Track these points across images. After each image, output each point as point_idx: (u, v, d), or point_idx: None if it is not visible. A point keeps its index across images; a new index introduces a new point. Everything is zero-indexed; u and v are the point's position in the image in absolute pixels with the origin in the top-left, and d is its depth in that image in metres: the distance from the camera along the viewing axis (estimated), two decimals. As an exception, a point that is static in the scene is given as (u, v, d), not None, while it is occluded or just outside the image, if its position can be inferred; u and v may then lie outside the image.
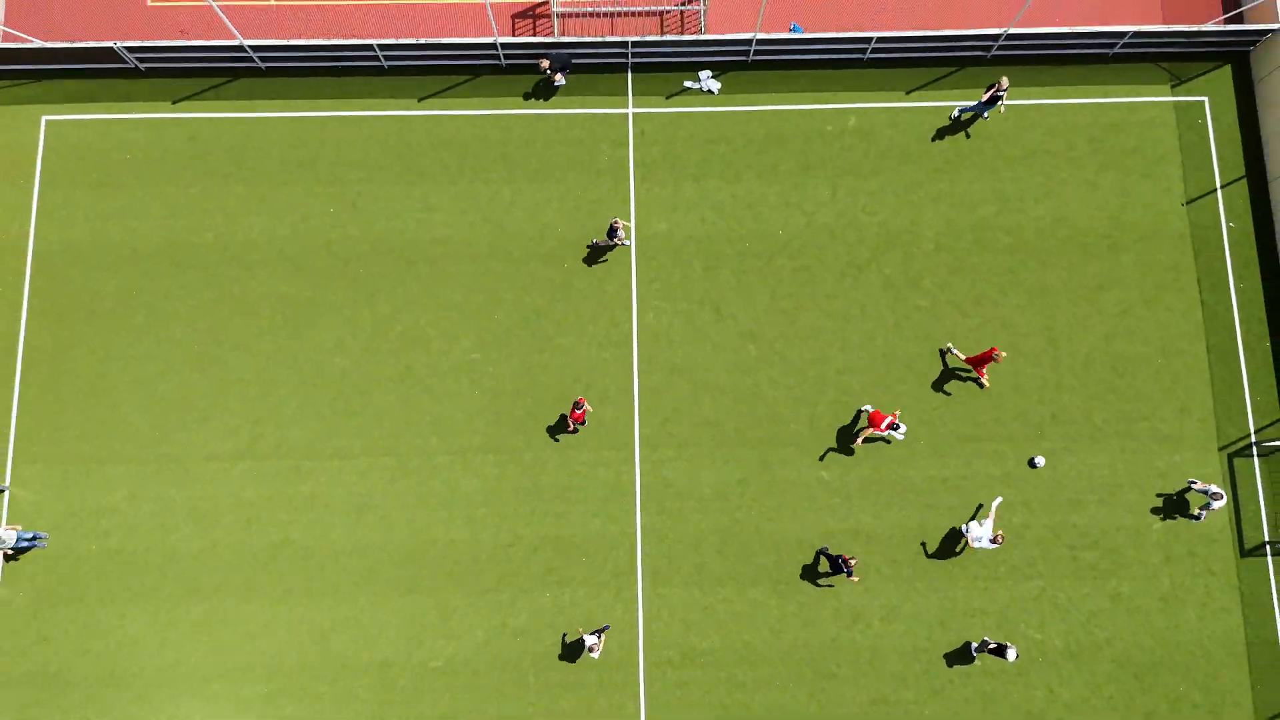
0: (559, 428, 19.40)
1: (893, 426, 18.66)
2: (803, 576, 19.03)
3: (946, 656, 18.78)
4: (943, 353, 19.66)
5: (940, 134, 20.72)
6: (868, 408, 19.28)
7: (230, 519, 19.09)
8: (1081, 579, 19.08)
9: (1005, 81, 19.47)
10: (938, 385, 19.74)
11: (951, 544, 19.17)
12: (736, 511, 19.24)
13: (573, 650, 18.71)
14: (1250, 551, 19.26)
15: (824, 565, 18.95)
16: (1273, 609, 19.07)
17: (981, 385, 19.44)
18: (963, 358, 19.30)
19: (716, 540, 19.09)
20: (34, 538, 18.54)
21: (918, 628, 18.90)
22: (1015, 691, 18.72)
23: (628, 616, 18.87)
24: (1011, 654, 17.49)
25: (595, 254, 20.12)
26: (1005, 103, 20.27)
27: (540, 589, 18.95)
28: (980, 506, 19.15)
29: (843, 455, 19.45)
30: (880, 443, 19.46)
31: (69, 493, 19.08)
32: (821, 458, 19.40)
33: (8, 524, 18.71)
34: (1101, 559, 19.17)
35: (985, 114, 20.48)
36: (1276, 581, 19.17)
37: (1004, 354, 18.83)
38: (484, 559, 19.05)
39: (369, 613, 18.79)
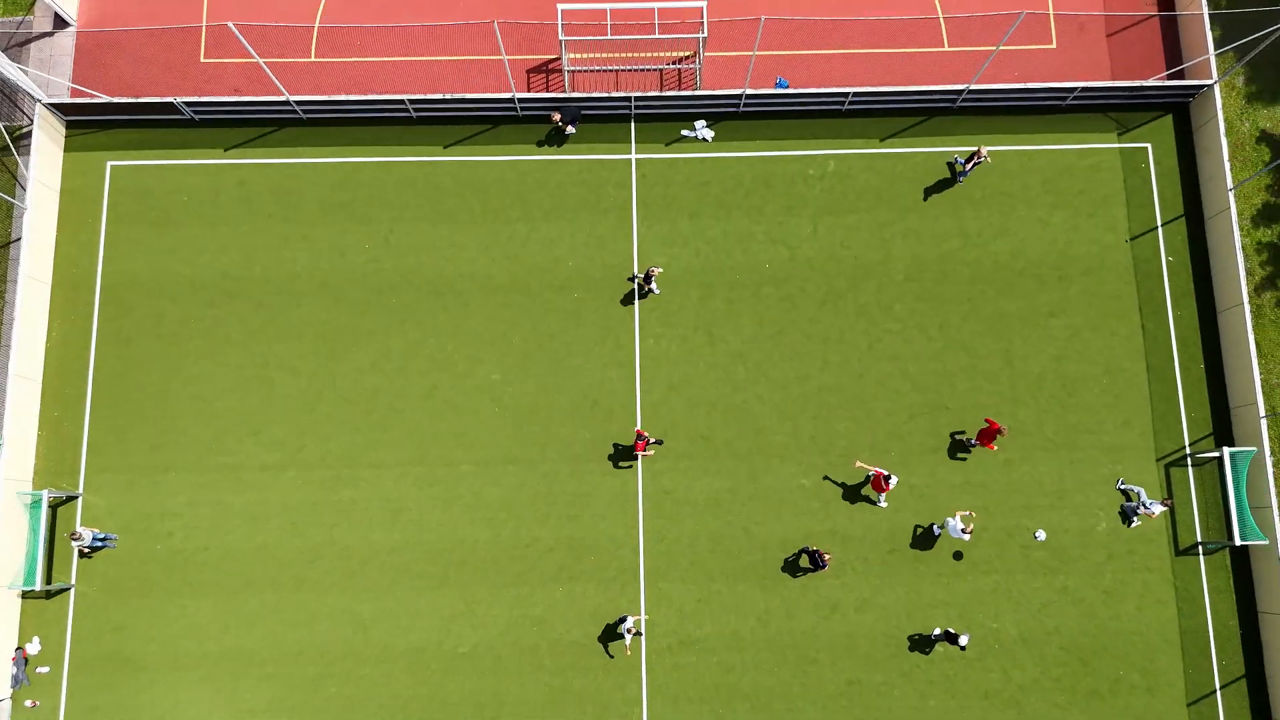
0: (623, 454, 21.66)
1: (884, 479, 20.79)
2: (785, 572, 21.47)
3: (913, 643, 21.22)
4: (956, 438, 21.77)
5: (910, 177, 23.16)
6: (870, 471, 21.28)
7: (279, 521, 21.56)
8: (1033, 574, 21.52)
9: (984, 151, 21.91)
10: (907, 403, 22.18)
11: (918, 543, 21.61)
12: (727, 516, 21.68)
13: (582, 638, 21.16)
14: (1184, 551, 21.71)
15: (804, 561, 21.37)
16: (1204, 602, 21.50)
17: (993, 449, 21.46)
18: (975, 444, 21.39)
19: (709, 541, 21.55)
20: (105, 538, 21.00)
21: (888, 617, 21.35)
22: (975, 674, 21.17)
23: (631, 608, 21.30)
24: (964, 639, 19.98)
25: (628, 291, 22.51)
26: (987, 158, 22.50)
27: (554, 584, 21.40)
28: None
29: (821, 465, 21.90)
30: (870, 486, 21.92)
31: (136, 498, 21.55)
32: (803, 467, 21.85)
33: (83, 525, 21.17)
34: (1051, 557, 21.61)
35: (962, 179, 22.77)
36: (1207, 577, 21.61)
37: (1006, 427, 20.93)
38: (504, 557, 21.51)
39: (403, 604, 21.25)
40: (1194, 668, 21.27)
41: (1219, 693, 21.19)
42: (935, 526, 20.94)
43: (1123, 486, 21.44)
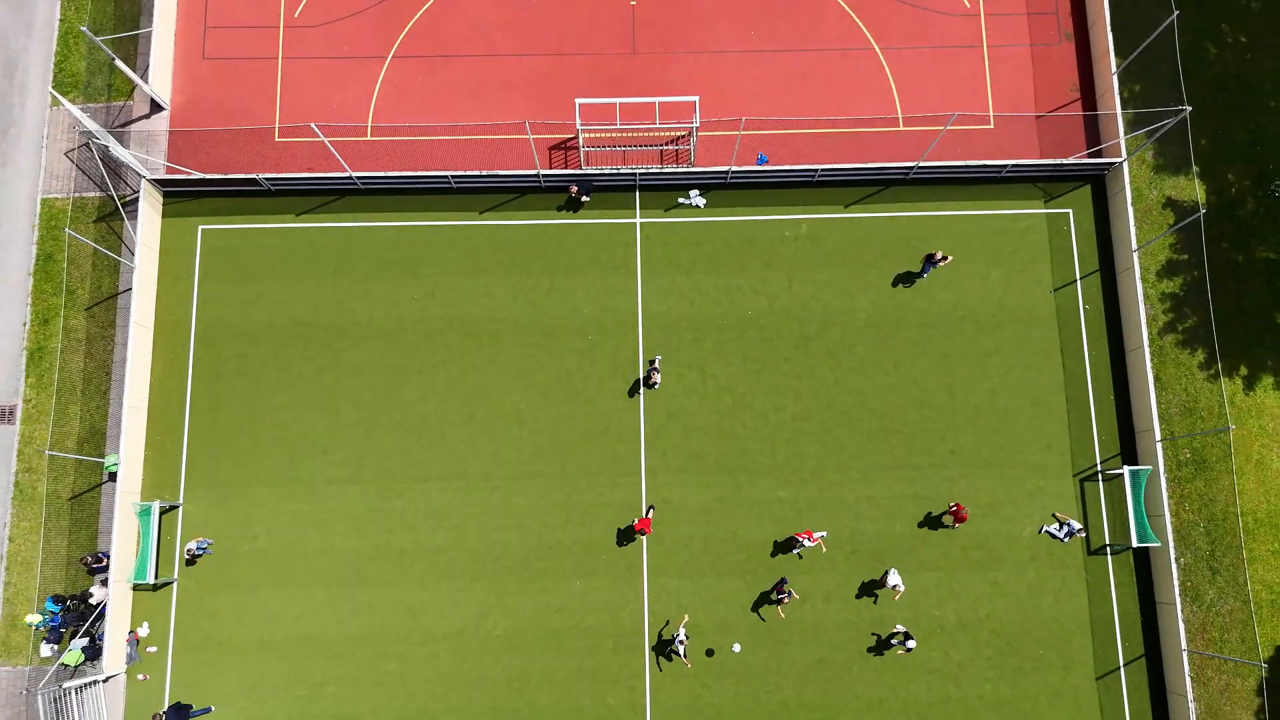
0: (630, 471, 26.06)
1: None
2: (764, 570, 25.86)
3: (872, 627, 25.59)
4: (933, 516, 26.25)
5: (871, 239, 27.61)
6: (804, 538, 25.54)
7: (344, 527, 25.98)
8: (970, 571, 25.92)
9: (940, 254, 26.27)
10: (866, 428, 26.60)
11: (874, 545, 26.00)
12: (716, 521, 26.09)
13: (595, 624, 25.54)
14: (1095, 551, 26.11)
15: (774, 595, 25.54)
16: (1110, 594, 25.89)
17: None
18: (955, 526, 25.85)
19: (701, 543, 25.96)
20: (203, 547, 25.41)
21: (850, 606, 25.74)
22: (920, 653, 25.54)
23: (636, 599, 25.68)
24: (911, 643, 24.38)
25: (634, 334, 26.98)
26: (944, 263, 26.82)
27: (572, 578, 25.81)
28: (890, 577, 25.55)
29: (795, 480, 26.30)
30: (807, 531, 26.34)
31: (226, 507, 25.98)
32: (779, 481, 26.25)
33: (186, 536, 25.58)
34: (985, 556, 26.00)
35: (924, 276, 27.05)
36: (1114, 574, 26.00)
37: (967, 512, 25.55)
38: (530, 556, 25.91)
39: (447, 596, 25.66)
40: (1102, 648, 25.66)
41: (1122, 669, 25.58)
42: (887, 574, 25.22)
43: (1049, 530, 25.76)
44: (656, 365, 26.03)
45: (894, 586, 24.90)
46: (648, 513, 25.69)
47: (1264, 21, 29.86)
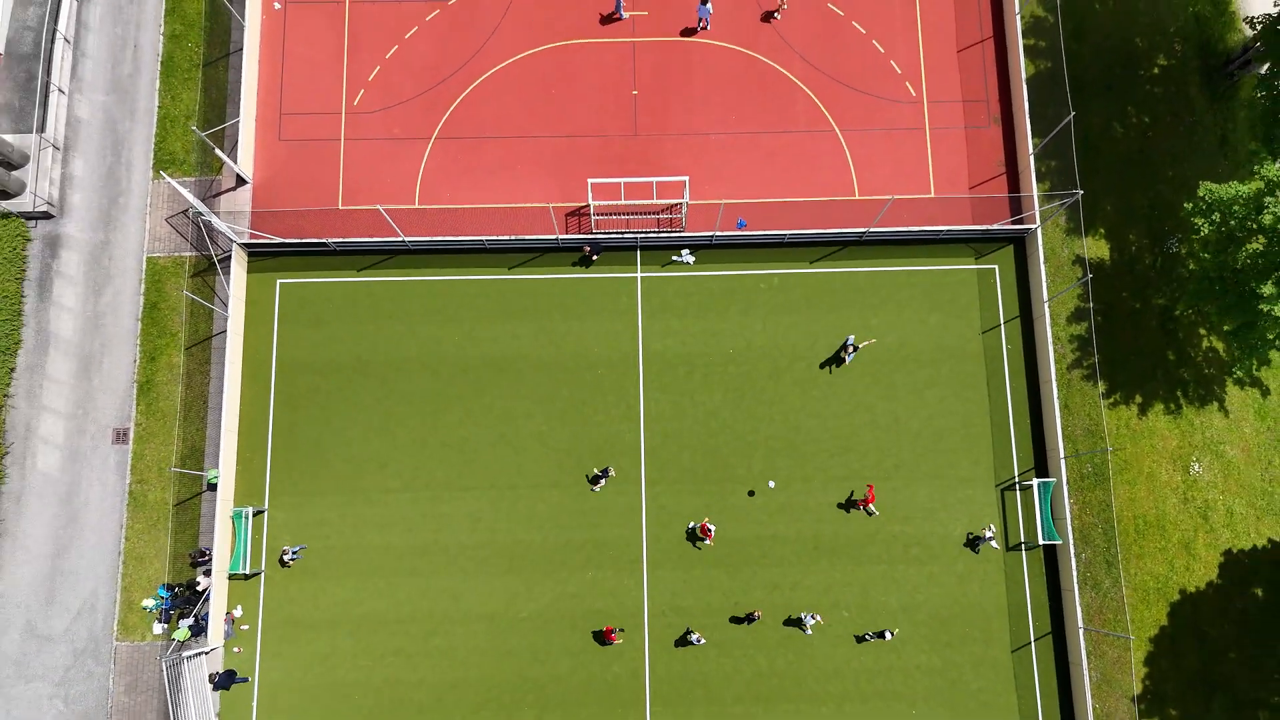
0: (631, 482, 31.87)
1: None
2: (742, 562, 31.66)
3: (830, 613, 31.38)
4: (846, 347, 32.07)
5: (832, 290, 33.42)
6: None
7: (399, 527, 31.81)
8: (910, 564, 31.71)
9: (851, 338, 32.01)
10: (827, 447, 32.39)
11: (832, 543, 31.75)
12: (707, 516, 31.88)
13: (604, 608, 31.32)
14: (1011, 548, 31.92)
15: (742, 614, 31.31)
16: (1024, 582, 31.68)
17: (871, 513, 31.70)
18: (867, 502, 31.60)
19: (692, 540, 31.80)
20: (297, 551, 31.21)
21: (812, 594, 31.52)
22: (859, 626, 31.30)
23: (637, 588, 31.45)
24: (889, 635, 30.21)
25: (635, 369, 32.82)
26: (854, 350, 32.54)
27: (584, 570, 31.60)
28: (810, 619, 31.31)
29: (766, 489, 32.08)
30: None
31: (302, 511, 31.82)
32: (752, 491, 32.04)
33: (271, 535, 31.42)
34: (923, 553, 31.79)
35: (848, 359, 32.74)
36: (1027, 567, 31.80)
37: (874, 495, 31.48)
38: (549, 551, 31.72)
39: (482, 584, 31.47)
40: (1016, 627, 31.46)
41: (1033, 644, 31.38)
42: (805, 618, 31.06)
43: (981, 536, 31.60)
44: (610, 472, 31.73)
45: (812, 622, 30.72)
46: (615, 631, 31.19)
47: (1162, 104, 35.74)
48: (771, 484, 31.57)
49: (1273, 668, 32.19)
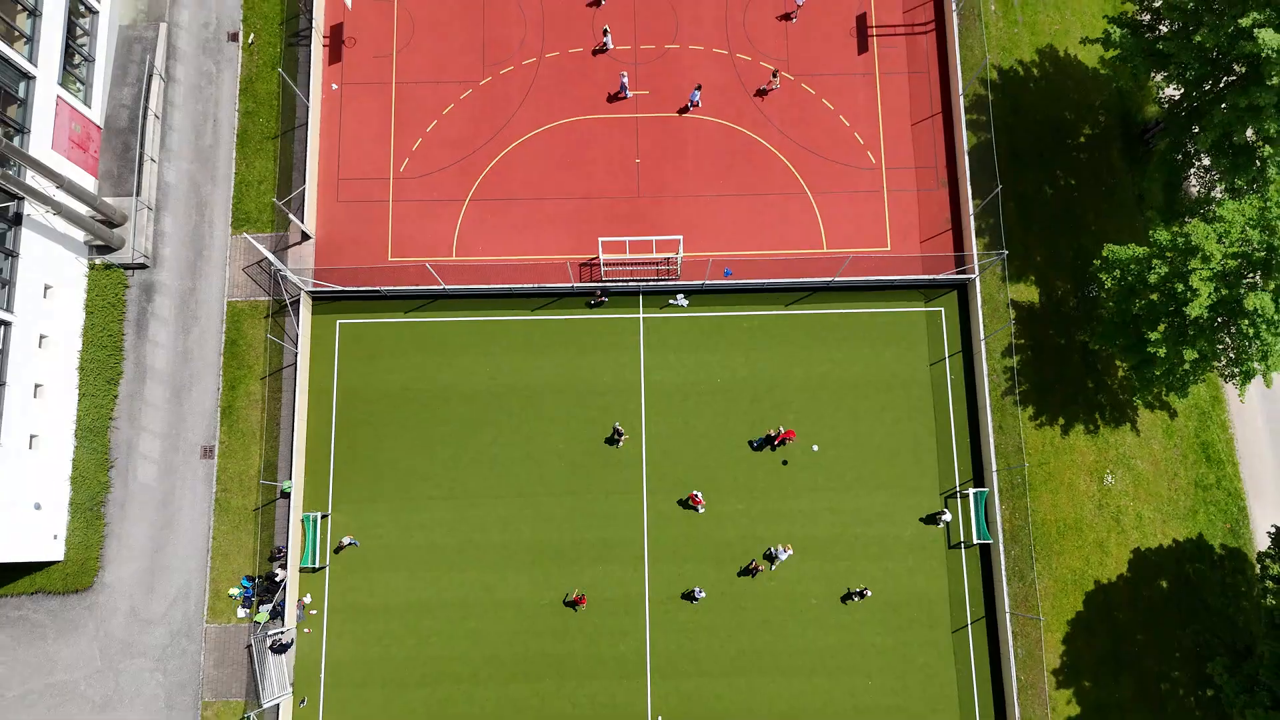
0: (633, 491, 38.17)
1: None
2: (729, 558, 37.86)
3: (800, 601, 37.58)
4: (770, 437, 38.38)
5: (803, 329, 39.62)
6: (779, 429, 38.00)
7: (440, 529, 38.06)
8: (868, 560, 37.91)
9: (786, 428, 38.26)
10: (798, 461, 38.61)
11: (804, 542, 37.95)
12: (696, 523, 38.11)
13: (612, 595, 37.53)
14: (953, 546, 38.14)
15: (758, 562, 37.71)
16: (962, 575, 37.90)
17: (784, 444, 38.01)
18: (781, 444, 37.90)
19: (685, 541, 37.99)
20: (352, 541, 37.49)
21: (786, 584, 37.73)
22: (831, 615, 37.54)
23: (639, 580, 37.64)
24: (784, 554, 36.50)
25: (637, 399, 39.09)
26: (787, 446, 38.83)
27: (595, 564, 37.82)
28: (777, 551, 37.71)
29: (749, 497, 38.29)
30: (776, 449, 38.39)
31: (360, 516, 38.06)
32: (738, 497, 38.28)
33: (335, 535, 37.68)
34: (879, 550, 37.99)
35: (776, 449, 38.91)
36: (965, 561, 38.01)
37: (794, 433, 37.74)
38: (566, 548, 37.94)
39: (510, 576, 37.70)
40: (956, 612, 37.68)
41: (969, 626, 37.60)
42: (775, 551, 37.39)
43: (940, 515, 37.87)
44: (618, 428, 38.11)
45: (780, 557, 36.91)
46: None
47: (1087, 168, 41.99)
48: (701, 593, 37.64)
49: (1173, 648, 38.38)
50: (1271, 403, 41.46)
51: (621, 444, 38.34)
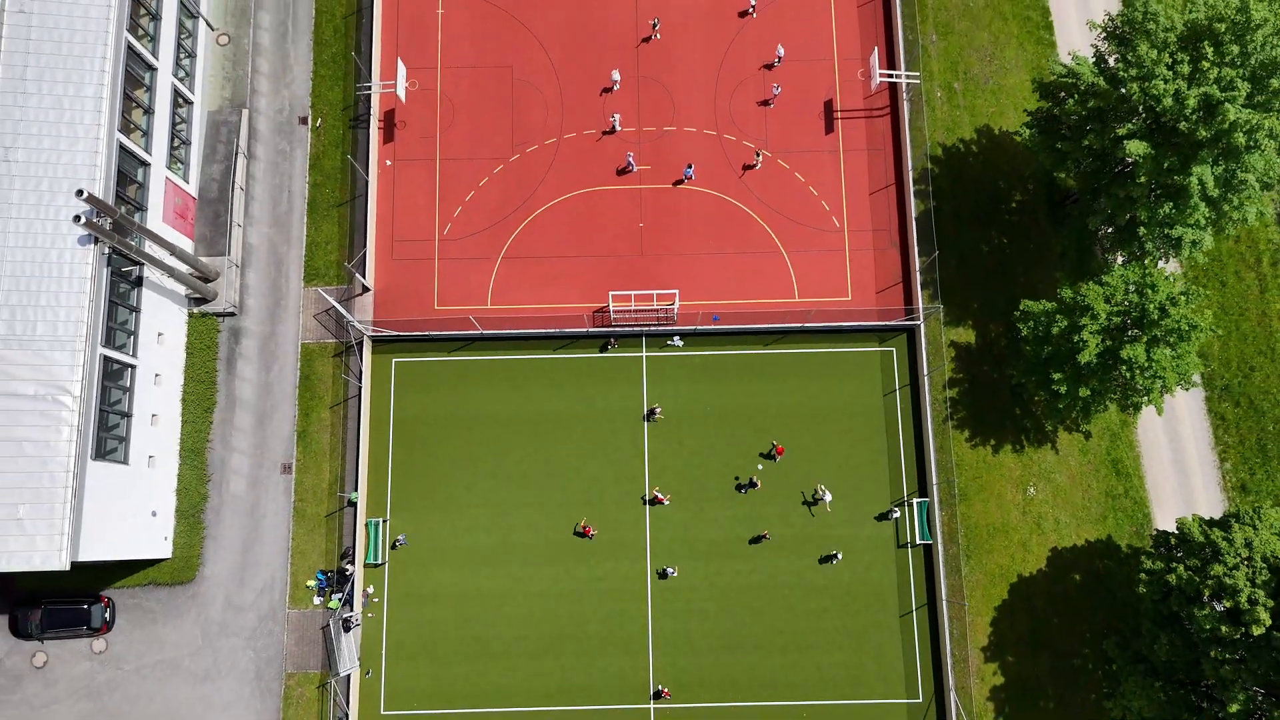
0: (636, 502, 46.38)
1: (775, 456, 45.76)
2: (719, 556, 46.06)
3: (776, 590, 45.75)
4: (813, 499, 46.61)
5: (780, 365, 47.81)
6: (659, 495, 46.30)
7: (479, 531, 46.25)
8: (843, 559, 46.08)
9: (756, 474, 46.49)
10: (774, 474, 46.78)
11: (780, 541, 46.12)
12: (691, 525, 46.28)
13: (620, 585, 45.70)
14: (900, 546, 46.36)
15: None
16: (909, 569, 46.09)
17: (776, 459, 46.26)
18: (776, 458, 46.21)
19: (681, 541, 46.17)
20: (404, 540, 45.73)
21: (763, 577, 45.88)
22: (798, 599, 45.72)
23: (642, 574, 45.80)
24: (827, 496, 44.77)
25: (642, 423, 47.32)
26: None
27: (605, 560, 46.01)
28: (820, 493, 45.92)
29: (734, 503, 46.48)
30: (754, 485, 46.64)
31: (414, 522, 46.26)
32: (726, 504, 46.48)
33: (393, 536, 45.94)
34: (843, 547, 46.18)
35: (754, 484, 47.13)
36: (911, 558, 46.20)
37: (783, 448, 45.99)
38: (582, 547, 46.10)
39: (537, 570, 45.85)
40: (903, 599, 45.87)
41: (914, 612, 45.79)
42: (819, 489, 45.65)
43: (890, 513, 46.12)
44: (658, 411, 46.42)
45: (826, 500, 45.17)
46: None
47: (1018, 228, 50.18)
48: (756, 484, 46.20)
49: (1084, 630, 46.49)
50: (1172, 425, 49.60)
51: (655, 419, 46.89)
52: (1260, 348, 50.12)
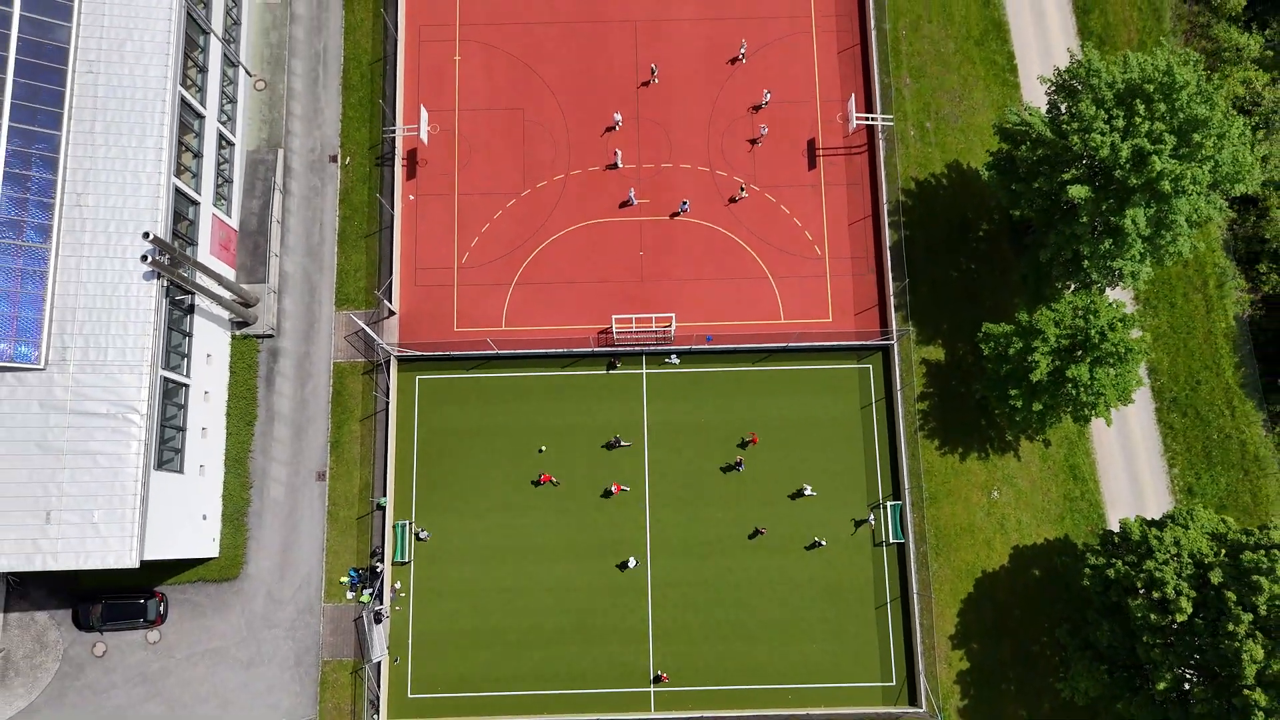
0: (638, 502, 51.36)
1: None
2: (713, 552, 50.99)
3: (765, 590, 50.70)
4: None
5: (768, 381, 52.75)
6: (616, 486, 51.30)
7: (496, 532, 51.16)
8: (814, 554, 51.05)
9: (740, 454, 51.59)
10: (760, 478, 51.76)
11: (764, 541, 51.08)
12: (687, 526, 51.24)
13: (619, 583, 50.69)
14: (876, 544, 51.34)
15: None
16: (884, 565, 51.04)
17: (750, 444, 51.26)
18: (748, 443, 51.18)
19: (677, 539, 51.15)
20: (427, 534, 50.72)
21: (750, 573, 50.84)
22: (784, 593, 50.68)
23: (643, 569, 50.76)
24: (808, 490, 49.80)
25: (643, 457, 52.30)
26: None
27: (612, 556, 50.95)
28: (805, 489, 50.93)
29: (725, 505, 51.42)
30: (736, 470, 51.63)
31: (438, 523, 51.18)
32: (718, 508, 51.43)
33: (418, 530, 50.94)
34: (829, 548, 51.12)
35: (740, 465, 52.18)
36: (886, 555, 51.16)
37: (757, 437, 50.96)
38: (589, 546, 51.04)
39: (549, 567, 50.80)
40: (879, 593, 50.83)
41: (889, 603, 50.76)
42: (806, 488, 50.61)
43: (867, 520, 51.09)
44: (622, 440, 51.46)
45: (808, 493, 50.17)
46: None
47: (984, 256, 55.11)
48: (741, 465, 51.25)
49: (1042, 620, 51.42)
50: (1125, 433, 54.55)
51: (621, 445, 51.90)
52: (1206, 363, 55.12)
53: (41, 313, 42.19)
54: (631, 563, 50.49)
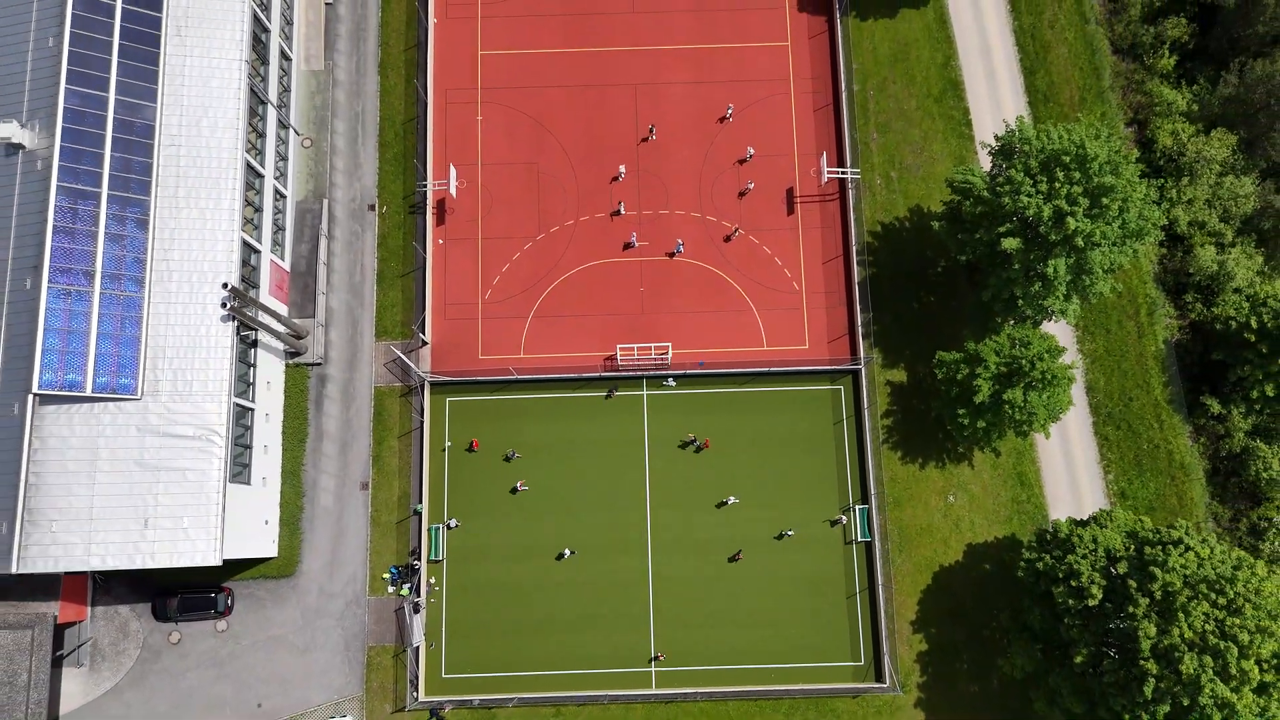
0: (638, 499, 59.21)
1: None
2: (710, 550, 58.80)
3: (757, 578, 58.53)
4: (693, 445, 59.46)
5: (751, 402, 60.56)
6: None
7: (517, 532, 58.99)
8: (792, 551, 58.83)
9: (699, 435, 59.42)
10: (745, 487, 59.58)
11: (753, 541, 58.89)
12: (684, 527, 59.05)
13: (624, 581, 58.51)
14: (847, 543, 59.16)
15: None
16: (854, 560, 58.86)
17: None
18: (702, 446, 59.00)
19: (674, 538, 58.97)
20: (457, 524, 58.54)
21: (743, 566, 58.66)
22: (767, 585, 58.51)
23: (643, 566, 58.56)
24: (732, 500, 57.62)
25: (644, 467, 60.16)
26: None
27: (617, 555, 58.76)
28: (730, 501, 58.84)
29: (715, 509, 59.23)
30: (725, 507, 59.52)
31: (468, 523, 59.05)
32: (715, 509, 59.26)
33: (450, 535, 58.77)
34: (798, 547, 58.91)
35: (695, 442, 60.15)
36: (855, 552, 58.98)
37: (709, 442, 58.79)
38: (597, 545, 58.86)
39: (562, 562, 58.65)
40: (849, 584, 58.66)
41: (858, 595, 58.56)
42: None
43: (840, 520, 58.93)
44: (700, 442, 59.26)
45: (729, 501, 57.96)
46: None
47: (943, 290, 62.94)
48: (732, 499, 58.94)
49: (992, 607, 59.19)
50: (1066, 444, 62.34)
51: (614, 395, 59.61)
52: (1138, 382, 62.96)
53: (138, 351, 50.05)
54: (567, 553, 58.21)
